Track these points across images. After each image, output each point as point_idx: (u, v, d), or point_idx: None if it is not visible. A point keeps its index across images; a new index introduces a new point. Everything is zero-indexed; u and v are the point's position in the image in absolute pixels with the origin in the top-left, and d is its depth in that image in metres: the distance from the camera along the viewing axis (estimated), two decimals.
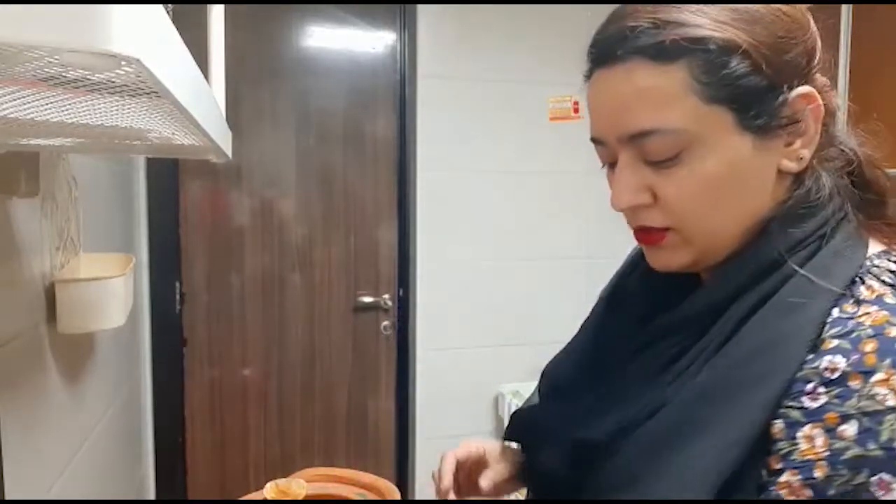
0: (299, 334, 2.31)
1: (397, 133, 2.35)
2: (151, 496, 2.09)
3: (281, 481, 0.87)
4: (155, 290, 2.07)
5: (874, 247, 0.52)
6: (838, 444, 0.43)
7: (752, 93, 0.50)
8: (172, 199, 2.12)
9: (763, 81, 0.50)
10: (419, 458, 2.33)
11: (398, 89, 2.33)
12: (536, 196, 2.39)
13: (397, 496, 0.88)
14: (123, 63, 0.26)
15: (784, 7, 0.51)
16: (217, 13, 0.80)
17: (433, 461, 0.77)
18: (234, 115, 2.10)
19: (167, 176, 2.09)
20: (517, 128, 2.35)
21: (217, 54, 0.79)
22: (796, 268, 0.49)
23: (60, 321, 0.96)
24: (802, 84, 0.52)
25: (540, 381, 0.71)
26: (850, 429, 0.43)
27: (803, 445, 0.44)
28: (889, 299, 0.47)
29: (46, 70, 0.30)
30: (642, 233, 0.56)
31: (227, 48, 0.81)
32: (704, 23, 0.49)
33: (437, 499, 0.73)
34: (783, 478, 0.45)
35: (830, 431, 0.43)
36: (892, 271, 0.49)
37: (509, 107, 2.34)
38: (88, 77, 0.32)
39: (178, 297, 2.14)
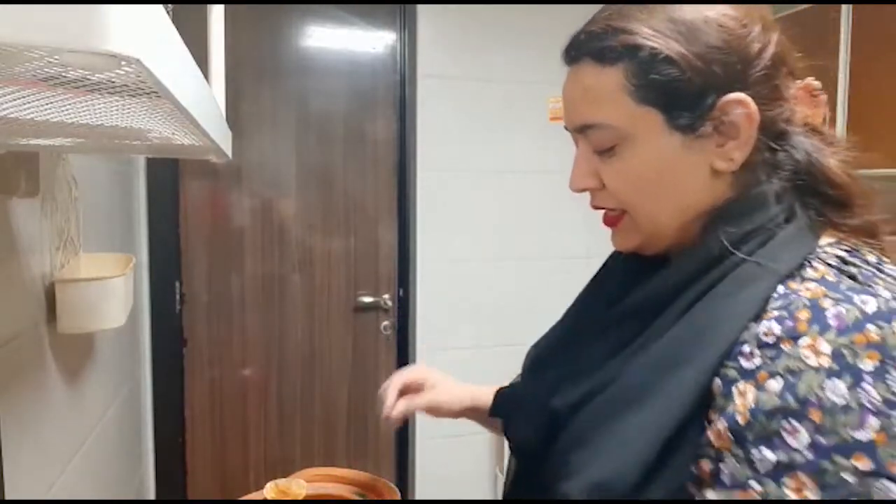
0: (299, 334, 2.31)
1: (397, 133, 2.35)
2: (151, 496, 2.09)
3: (281, 481, 0.87)
4: (155, 290, 2.07)
5: (827, 239, 0.56)
6: (763, 398, 0.48)
7: (679, 96, 0.55)
8: (172, 199, 2.12)
9: (691, 86, 0.55)
10: (419, 458, 2.33)
11: (398, 89, 2.33)
12: (536, 196, 2.39)
13: (397, 496, 0.88)
14: (123, 63, 0.26)
15: (726, 21, 0.55)
16: (217, 13, 0.80)
17: (433, 461, 0.78)
18: (234, 115, 2.10)
19: (167, 176, 2.09)
20: (517, 128, 2.35)
21: (217, 54, 0.79)
22: (744, 256, 0.54)
23: (60, 321, 0.96)
24: (737, 91, 0.55)
25: (524, 360, 0.76)
26: (775, 385, 0.48)
27: (736, 399, 0.49)
28: (830, 278, 0.52)
29: (46, 70, 0.30)
30: (605, 216, 0.63)
31: (227, 48, 0.81)
32: (643, 31, 0.55)
33: (436, 499, 0.75)
34: (714, 426, 0.50)
35: (760, 388, 0.48)
36: (838, 256, 0.54)
37: (509, 107, 2.34)
38: (88, 77, 0.32)
39: (178, 297, 2.14)
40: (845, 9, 2.39)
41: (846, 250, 0.55)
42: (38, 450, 0.92)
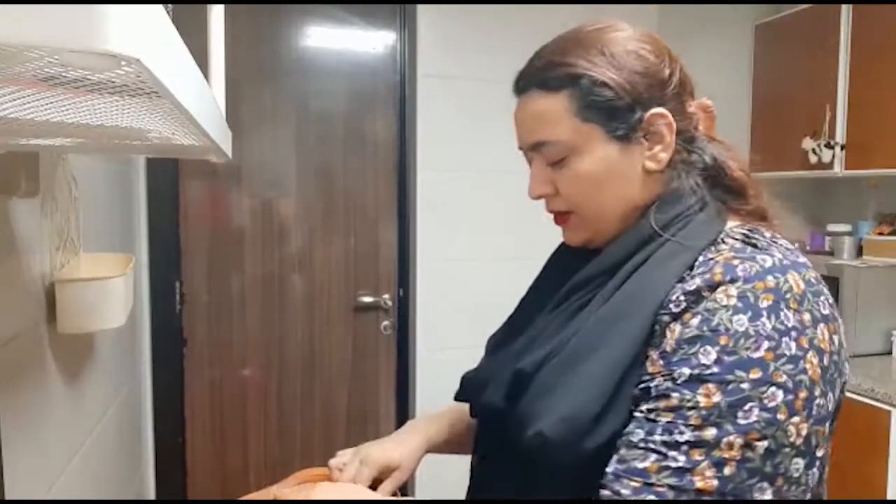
0: (299, 334, 2.31)
1: (397, 133, 2.35)
2: (151, 496, 2.09)
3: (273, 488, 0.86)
4: (155, 290, 2.07)
5: (733, 222, 0.70)
6: (686, 330, 0.61)
7: (615, 113, 0.69)
8: (172, 199, 2.12)
9: (623, 104, 0.68)
10: None
11: (398, 89, 2.33)
12: None
13: (398, 496, 0.88)
14: (123, 63, 0.26)
15: (643, 52, 0.70)
16: (217, 13, 0.79)
17: (433, 461, 0.79)
18: (234, 115, 2.10)
19: (167, 176, 2.09)
20: None
21: (217, 54, 0.79)
22: (669, 237, 0.67)
23: (60, 321, 0.95)
24: (658, 106, 0.69)
25: (485, 349, 0.85)
26: (695, 320, 0.61)
27: (668, 335, 0.62)
28: (738, 246, 0.66)
29: (46, 70, 0.30)
30: (555, 216, 0.76)
31: (227, 48, 0.81)
32: (581, 63, 0.69)
33: (436, 499, 0.77)
34: (650, 357, 0.63)
35: (684, 324, 0.61)
36: (742, 233, 0.68)
37: (509, 107, 2.33)
38: (88, 77, 0.32)
39: (178, 297, 2.14)
40: (845, 9, 2.39)
41: (748, 229, 0.69)
42: (38, 450, 0.92)
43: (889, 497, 1.90)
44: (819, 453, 0.60)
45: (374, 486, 0.85)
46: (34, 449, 0.90)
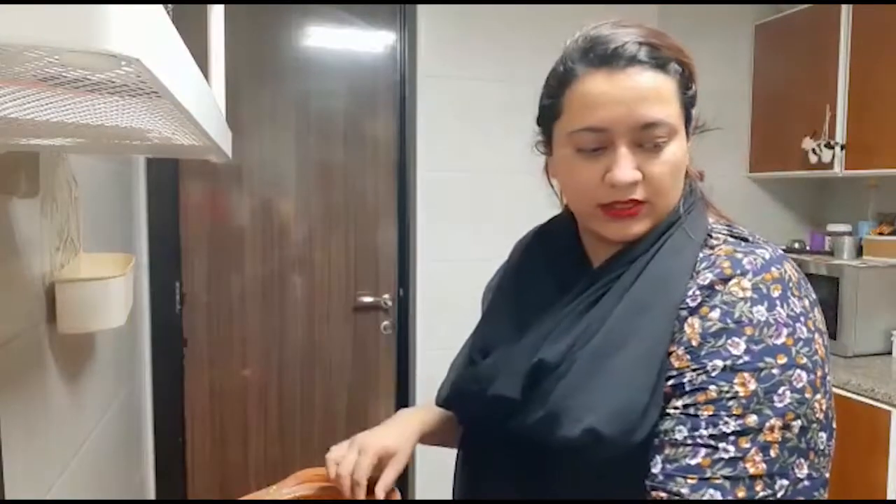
0: (299, 334, 2.31)
1: (397, 133, 2.35)
2: (151, 496, 2.09)
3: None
4: (155, 290, 2.07)
5: (711, 218, 0.75)
6: (707, 324, 0.63)
7: (692, 106, 0.72)
8: (172, 199, 2.12)
9: (695, 100, 0.72)
10: (419, 458, 2.33)
11: (398, 89, 2.33)
12: (536, 196, 2.38)
13: (397, 496, 0.88)
14: (123, 63, 0.26)
15: (687, 51, 0.71)
16: (217, 13, 0.79)
17: (433, 461, 0.79)
18: (234, 115, 2.10)
19: (167, 176, 2.09)
20: (517, 128, 2.34)
21: (217, 54, 0.79)
22: (681, 226, 0.71)
23: (60, 321, 0.95)
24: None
25: (470, 353, 0.82)
26: (715, 313, 0.64)
27: (687, 330, 0.64)
28: (731, 240, 0.70)
29: (46, 70, 0.30)
30: (624, 206, 0.70)
31: (227, 48, 0.81)
32: (685, 51, 0.70)
33: (435, 499, 0.77)
34: (674, 352, 0.64)
35: (703, 318, 0.64)
36: (726, 228, 0.72)
37: (509, 107, 2.33)
38: (88, 77, 0.32)
39: (178, 297, 2.14)
40: (845, 9, 2.39)
41: (727, 225, 0.73)
42: (38, 450, 0.92)
43: (889, 497, 1.90)
44: (834, 424, 0.65)
45: (374, 478, 0.84)
46: (34, 449, 0.90)
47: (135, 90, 0.34)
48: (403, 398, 2.40)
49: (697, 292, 0.65)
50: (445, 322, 2.33)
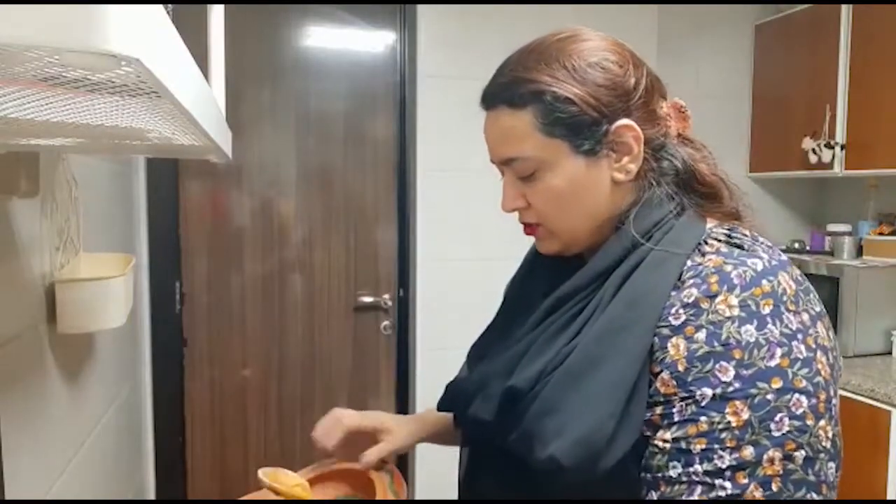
0: (299, 334, 2.31)
1: (397, 133, 2.35)
2: (151, 496, 2.09)
3: (268, 469, 0.85)
4: (155, 290, 2.07)
5: (712, 223, 0.70)
6: (694, 346, 0.60)
7: (579, 128, 0.68)
8: (172, 199, 2.12)
9: (587, 119, 0.68)
10: (419, 458, 2.33)
11: (398, 89, 2.33)
12: None
13: (403, 485, 0.88)
14: (123, 63, 0.26)
15: (607, 63, 0.69)
16: (217, 13, 0.79)
17: (433, 461, 0.79)
18: (234, 115, 2.10)
19: (167, 176, 2.09)
20: None
21: (217, 54, 0.79)
22: (653, 246, 0.66)
23: (60, 321, 0.95)
24: (624, 117, 0.69)
25: (468, 356, 0.85)
26: (701, 335, 0.60)
27: (671, 351, 0.61)
28: (724, 249, 0.66)
29: (46, 70, 0.30)
30: (525, 227, 0.76)
31: (227, 48, 0.81)
32: (545, 79, 0.68)
33: (435, 499, 0.77)
34: (659, 376, 0.61)
35: (689, 339, 0.60)
36: (724, 233, 0.68)
37: None
38: (88, 77, 0.32)
39: (178, 297, 2.14)
40: (845, 9, 2.39)
41: (728, 229, 0.69)
42: (38, 450, 0.92)
43: (889, 497, 1.90)
44: (842, 454, 0.60)
45: (374, 461, 0.86)
46: (34, 449, 0.90)
47: (135, 90, 0.34)
48: (403, 398, 2.40)
49: (681, 310, 0.61)
50: (445, 322, 2.33)
